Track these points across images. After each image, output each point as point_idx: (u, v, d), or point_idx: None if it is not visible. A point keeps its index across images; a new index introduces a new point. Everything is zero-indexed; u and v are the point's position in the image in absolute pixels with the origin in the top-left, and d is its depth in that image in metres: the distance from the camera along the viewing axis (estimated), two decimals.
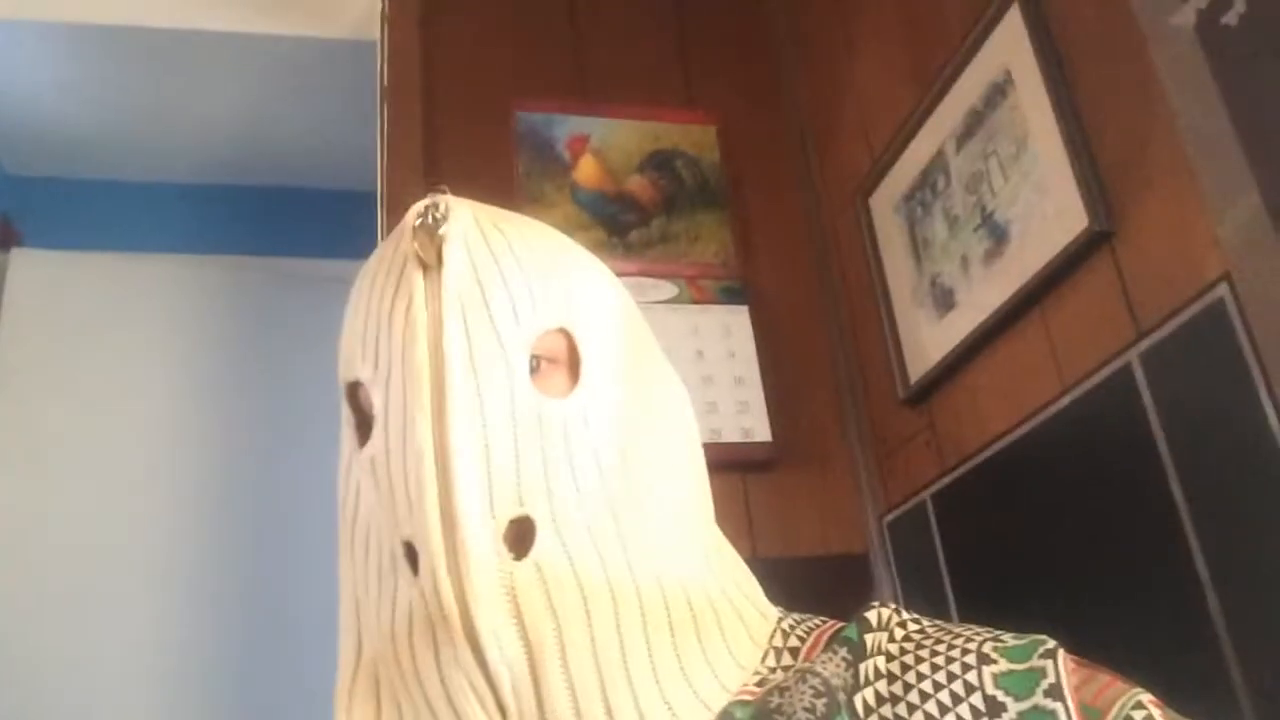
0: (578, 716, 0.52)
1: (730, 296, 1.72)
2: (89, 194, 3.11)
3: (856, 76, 1.73)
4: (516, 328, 0.56)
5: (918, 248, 1.52)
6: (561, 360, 0.58)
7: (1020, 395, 1.30)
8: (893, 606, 0.61)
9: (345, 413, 0.61)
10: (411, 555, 0.54)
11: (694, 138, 1.85)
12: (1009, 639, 0.57)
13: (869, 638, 0.58)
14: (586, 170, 1.77)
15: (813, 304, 1.76)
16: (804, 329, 1.74)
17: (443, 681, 0.53)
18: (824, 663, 0.57)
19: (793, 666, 0.59)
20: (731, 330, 1.70)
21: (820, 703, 0.54)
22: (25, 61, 2.66)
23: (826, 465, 1.65)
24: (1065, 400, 1.21)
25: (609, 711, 0.53)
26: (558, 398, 0.56)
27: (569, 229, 1.76)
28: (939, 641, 0.57)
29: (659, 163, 1.81)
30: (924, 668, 0.56)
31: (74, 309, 2.75)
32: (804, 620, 0.64)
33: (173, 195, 3.04)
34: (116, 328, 2.69)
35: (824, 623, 0.63)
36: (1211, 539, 0.99)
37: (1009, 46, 1.30)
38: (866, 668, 0.56)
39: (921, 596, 1.49)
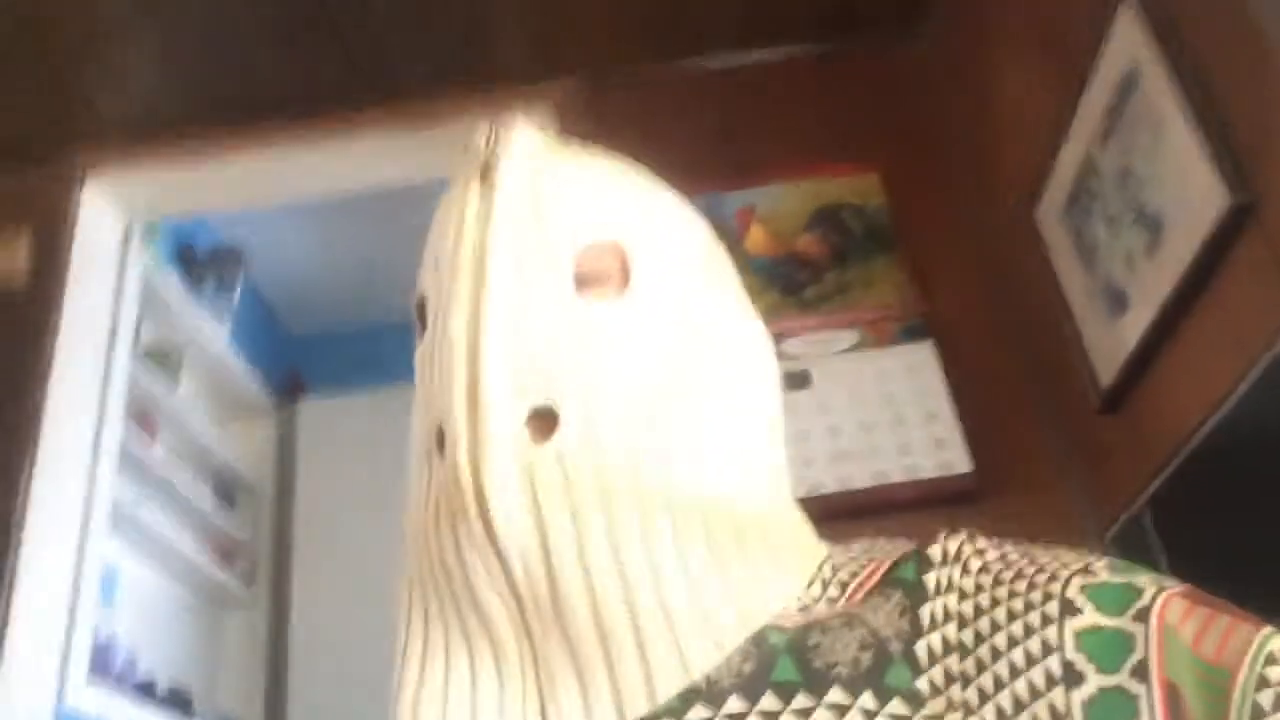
0: (594, 607, 0.52)
1: (912, 335, 1.74)
2: (360, 339, 3.51)
3: (1005, 95, 1.72)
4: (564, 232, 0.58)
5: (1086, 253, 1.49)
6: (613, 277, 0.59)
7: (1212, 380, 1.25)
8: (966, 533, 0.56)
9: (415, 331, 0.63)
10: (441, 440, 0.55)
11: (857, 187, 1.89)
12: (1103, 572, 0.51)
13: (931, 576, 0.53)
14: (755, 238, 1.85)
15: (996, 327, 1.74)
16: (991, 354, 1.72)
17: (461, 562, 0.54)
18: (874, 609, 0.53)
19: (839, 600, 0.55)
20: (917, 368, 1.71)
21: (867, 655, 0.50)
22: (287, 240, 3.10)
23: (1035, 487, 1.61)
24: (1257, 373, 1.15)
25: (631, 609, 0.52)
26: (603, 303, 0.58)
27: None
28: (1020, 577, 0.52)
29: (825, 218, 1.87)
30: (999, 614, 0.51)
31: (360, 442, 3.10)
32: (858, 555, 0.59)
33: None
34: (401, 452, 3.01)
35: (878, 557, 0.57)
36: None
37: (1129, 39, 1.29)
38: (930, 610, 0.52)
39: None
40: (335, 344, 3.44)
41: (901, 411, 1.67)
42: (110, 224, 2.15)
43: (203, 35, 1.89)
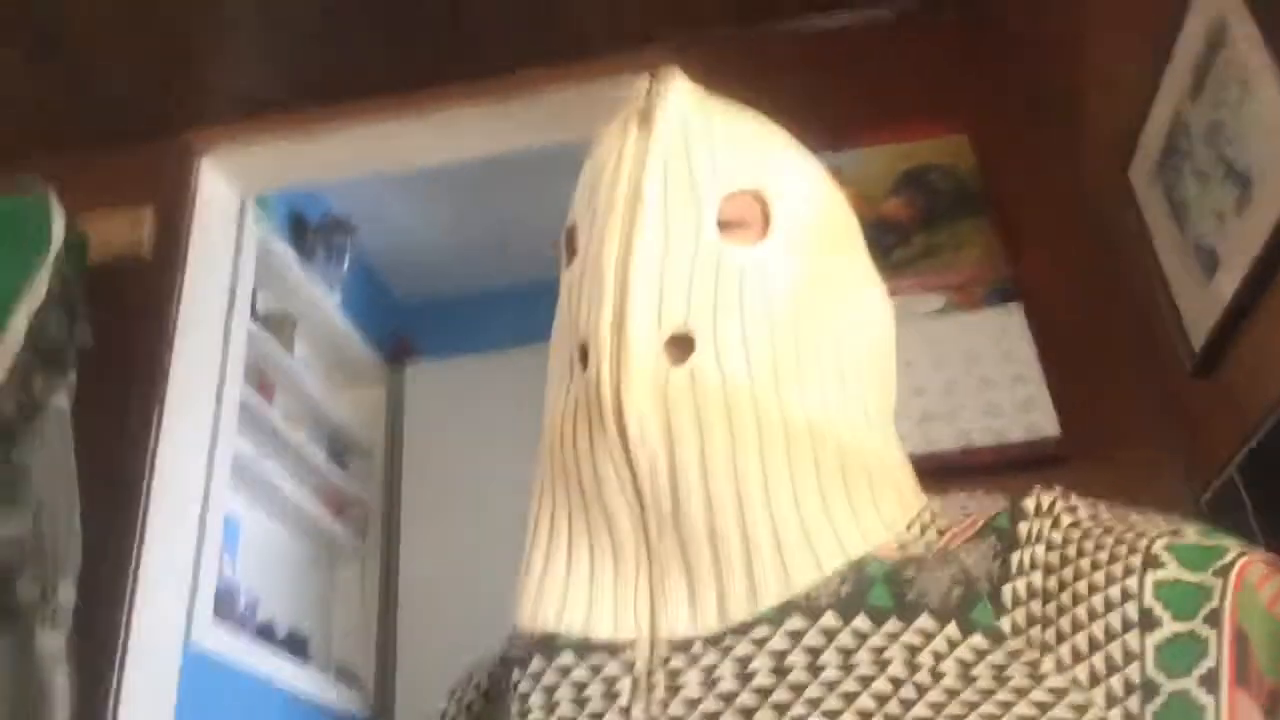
0: (710, 516, 0.57)
1: (1001, 297, 1.72)
2: (465, 305, 3.60)
3: (1094, 52, 1.68)
4: (712, 178, 0.64)
5: (1177, 212, 1.45)
6: (753, 224, 0.64)
7: None
8: (1059, 490, 0.59)
9: (563, 257, 0.68)
10: (584, 355, 0.61)
11: (946, 149, 1.87)
12: (1191, 533, 0.54)
13: (1024, 526, 0.56)
14: None
15: (1087, 290, 1.71)
16: (1082, 317, 1.69)
17: (593, 463, 0.59)
18: (968, 550, 0.57)
19: (936, 543, 0.59)
20: (1005, 330, 1.69)
21: (957, 590, 0.54)
22: (394, 209, 3.21)
23: (1125, 451, 1.59)
24: None
25: (742, 522, 0.56)
26: (742, 247, 0.63)
27: None
28: (1107, 533, 0.55)
29: (912, 180, 1.86)
30: (1084, 563, 0.54)
31: (466, 404, 3.21)
32: (957, 508, 0.63)
33: (535, 291, 3.48)
34: (504, 413, 3.04)
35: (975, 512, 0.61)
36: None
37: None
38: (1019, 558, 0.55)
39: None
40: (441, 310, 3.56)
41: (988, 374, 1.66)
42: (226, 197, 2.27)
43: (306, 19, 1.98)
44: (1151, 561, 0.52)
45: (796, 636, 0.54)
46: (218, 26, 1.97)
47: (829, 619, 0.54)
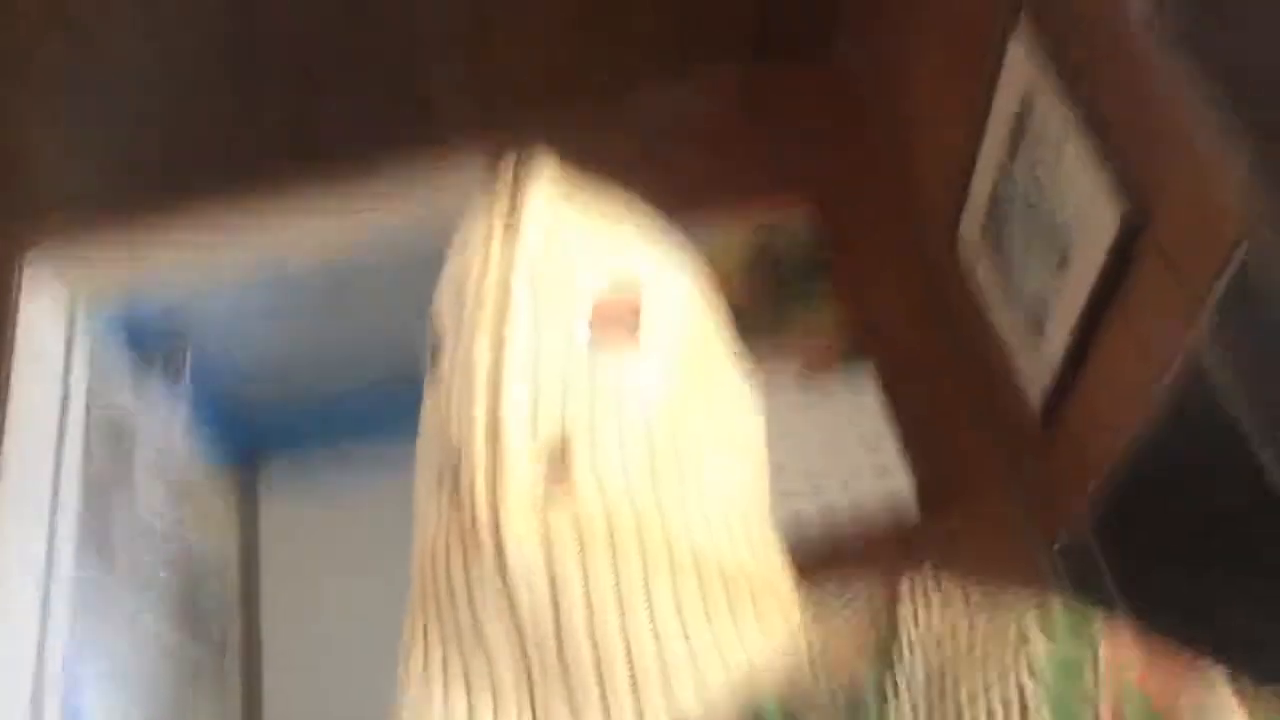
0: (595, 650, 0.54)
1: (851, 366, 1.75)
2: (317, 407, 3.46)
3: (923, 121, 1.76)
4: (583, 277, 0.60)
5: (1006, 270, 1.51)
6: (624, 323, 0.61)
7: (1132, 393, 1.27)
8: (931, 580, 0.60)
9: (427, 359, 0.65)
10: (455, 470, 0.57)
11: (790, 221, 1.91)
12: (1058, 608, 0.56)
13: (900, 613, 0.58)
14: None
15: (934, 354, 1.76)
16: (930, 381, 1.73)
17: (469, 590, 0.55)
18: (850, 648, 0.58)
19: (819, 650, 0.59)
20: (857, 398, 1.71)
21: (843, 707, 0.55)
22: (238, 312, 3.09)
23: (979, 509, 1.62)
24: (1168, 383, 1.17)
25: (629, 655, 0.54)
26: (615, 350, 0.60)
27: None
28: (981, 613, 0.57)
29: (760, 252, 1.89)
30: (961, 644, 0.55)
31: (320, 506, 3.08)
32: (837, 608, 0.64)
33: (391, 390, 3.38)
34: (367, 514, 2.90)
35: (855, 615, 0.62)
36: None
37: (1022, 60, 1.32)
38: (898, 649, 0.56)
39: None
40: (293, 412, 3.43)
41: (842, 443, 1.67)
42: (54, 306, 2.15)
43: (138, 115, 1.91)
44: (1023, 638, 0.53)
45: None
46: (43, 125, 1.88)
47: None
